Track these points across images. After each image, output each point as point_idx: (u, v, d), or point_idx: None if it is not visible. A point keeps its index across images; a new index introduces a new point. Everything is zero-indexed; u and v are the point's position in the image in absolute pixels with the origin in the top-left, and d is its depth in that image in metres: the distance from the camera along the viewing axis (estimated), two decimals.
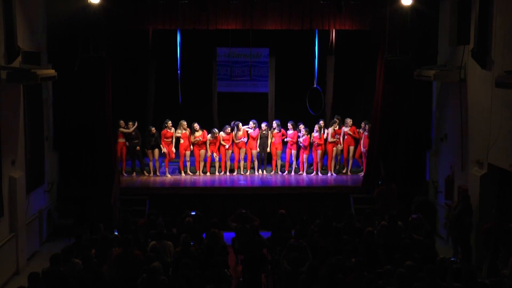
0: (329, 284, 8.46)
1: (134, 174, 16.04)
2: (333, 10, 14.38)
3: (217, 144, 15.90)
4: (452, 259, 9.04)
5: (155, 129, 15.85)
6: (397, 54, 14.14)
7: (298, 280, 8.70)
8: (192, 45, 17.57)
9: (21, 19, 12.25)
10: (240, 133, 15.93)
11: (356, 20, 14.60)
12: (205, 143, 15.86)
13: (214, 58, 18.27)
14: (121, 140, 15.70)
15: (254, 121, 16.12)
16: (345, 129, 16.12)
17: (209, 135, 15.81)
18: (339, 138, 16.08)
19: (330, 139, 15.93)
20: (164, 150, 15.81)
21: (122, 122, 15.72)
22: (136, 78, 17.49)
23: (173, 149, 15.85)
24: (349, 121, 16.12)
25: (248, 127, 16.07)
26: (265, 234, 11.76)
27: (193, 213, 12.07)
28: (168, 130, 15.77)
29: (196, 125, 15.82)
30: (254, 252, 10.51)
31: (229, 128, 15.92)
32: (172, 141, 15.79)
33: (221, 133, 15.93)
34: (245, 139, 15.96)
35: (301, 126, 16.05)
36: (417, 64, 14.16)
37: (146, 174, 16.02)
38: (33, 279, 8.40)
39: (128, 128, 15.76)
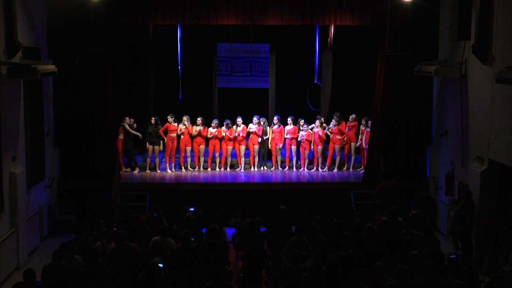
0: (330, 279, 8.46)
1: (137, 169, 16.03)
2: (333, 5, 14.36)
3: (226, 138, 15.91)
4: (452, 255, 9.04)
5: (157, 120, 15.85)
6: (398, 50, 14.12)
7: (300, 277, 8.69)
8: (193, 41, 17.55)
9: (21, 14, 12.22)
10: (240, 128, 15.93)
11: (357, 16, 14.59)
12: (205, 138, 15.88)
13: (214, 54, 18.24)
14: (121, 136, 15.67)
15: (257, 116, 16.11)
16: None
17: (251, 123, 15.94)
18: (344, 134, 16.09)
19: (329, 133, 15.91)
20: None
21: (127, 118, 15.71)
22: (137, 74, 17.46)
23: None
24: (351, 117, 16.13)
25: (252, 123, 16.06)
26: None
27: (192, 209, 12.05)
28: (173, 123, 15.76)
29: (199, 119, 15.82)
30: (255, 247, 10.51)
31: (227, 123, 15.92)
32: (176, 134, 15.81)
33: (223, 127, 15.95)
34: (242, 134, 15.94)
35: (301, 122, 16.05)
36: (417, 60, 14.12)
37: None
38: (29, 275, 8.40)
39: (133, 127, 15.75)
